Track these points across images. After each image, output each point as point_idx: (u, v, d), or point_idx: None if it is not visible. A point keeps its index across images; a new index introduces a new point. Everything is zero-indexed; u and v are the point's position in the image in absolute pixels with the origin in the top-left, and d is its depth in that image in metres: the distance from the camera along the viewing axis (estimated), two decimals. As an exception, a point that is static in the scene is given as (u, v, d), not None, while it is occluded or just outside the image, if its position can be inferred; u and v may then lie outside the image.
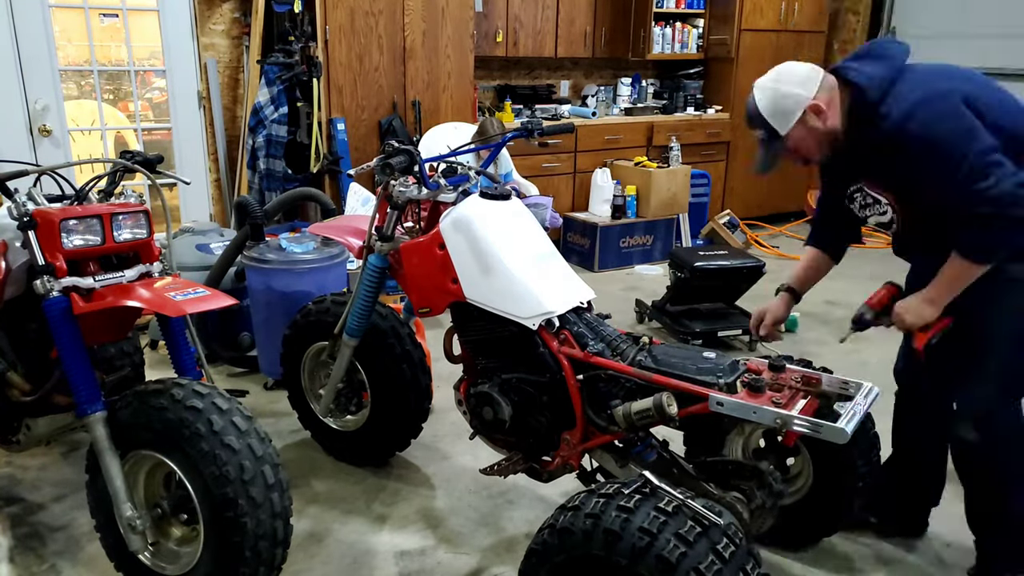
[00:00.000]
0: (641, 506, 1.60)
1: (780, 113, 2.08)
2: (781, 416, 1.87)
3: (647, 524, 1.56)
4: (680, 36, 6.58)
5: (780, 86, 2.09)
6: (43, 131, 4.43)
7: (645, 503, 1.61)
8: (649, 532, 1.55)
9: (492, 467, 2.48)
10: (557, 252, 2.47)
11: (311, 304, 2.95)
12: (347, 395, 2.98)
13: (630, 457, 2.25)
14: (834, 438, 1.81)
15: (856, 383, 2.03)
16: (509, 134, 2.82)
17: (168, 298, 2.00)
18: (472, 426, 2.53)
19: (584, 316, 2.34)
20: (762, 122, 2.12)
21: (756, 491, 2.03)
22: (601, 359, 2.19)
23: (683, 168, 6.11)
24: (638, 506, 1.60)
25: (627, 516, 1.59)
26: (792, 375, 2.06)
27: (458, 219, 2.34)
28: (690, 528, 1.56)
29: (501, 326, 2.31)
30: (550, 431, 2.32)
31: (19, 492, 2.84)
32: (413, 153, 2.39)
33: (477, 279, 2.30)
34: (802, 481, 2.39)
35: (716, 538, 1.55)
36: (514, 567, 2.45)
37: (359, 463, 3.03)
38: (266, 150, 4.83)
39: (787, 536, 2.47)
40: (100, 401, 2.06)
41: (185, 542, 2.17)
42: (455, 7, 5.17)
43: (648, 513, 1.59)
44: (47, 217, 2.01)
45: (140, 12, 4.88)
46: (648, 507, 1.60)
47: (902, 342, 2.43)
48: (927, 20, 6.68)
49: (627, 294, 5.15)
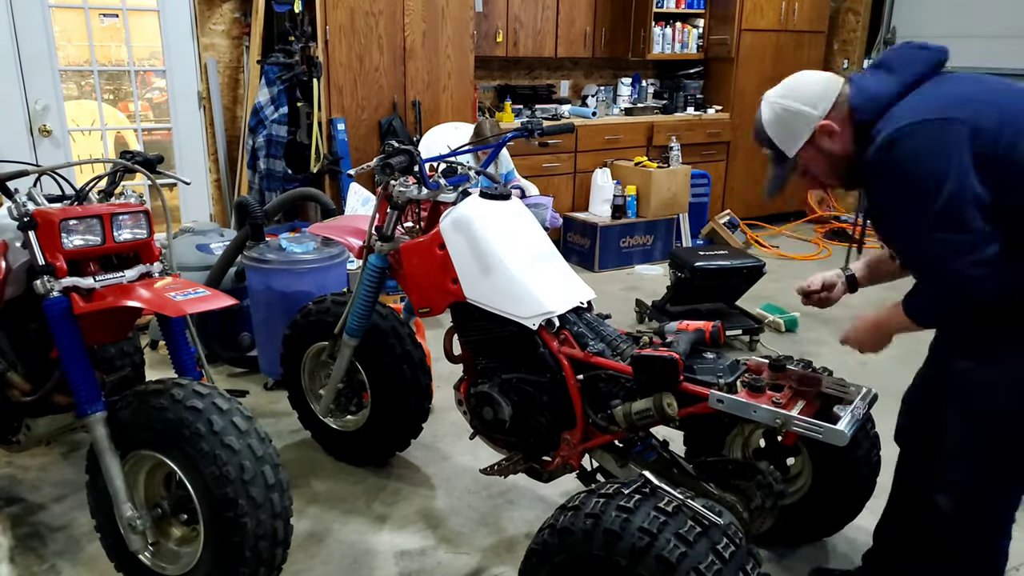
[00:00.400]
0: (641, 506, 1.61)
1: (787, 133, 1.85)
2: (781, 416, 1.86)
3: (647, 524, 1.57)
4: (680, 36, 6.58)
5: (788, 103, 1.85)
6: (43, 131, 4.43)
7: (645, 503, 1.61)
8: (649, 532, 1.56)
9: (492, 467, 2.49)
10: (557, 252, 2.47)
11: (311, 304, 2.95)
12: (347, 395, 2.98)
13: (630, 457, 2.25)
14: (833, 440, 1.80)
15: (855, 386, 2.02)
16: (509, 134, 2.81)
17: (168, 298, 2.00)
18: (472, 426, 2.53)
19: (584, 316, 2.34)
20: (768, 141, 1.90)
21: (756, 491, 2.03)
22: (601, 359, 2.19)
23: (683, 168, 6.11)
24: (638, 506, 1.61)
25: (627, 516, 1.59)
26: (792, 375, 2.06)
27: (458, 219, 2.34)
28: (690, 528, 1.56)
29: (501, 326, 2.31)
30: (550, 431, 2.32)
31: (19, 492, 2.84)
32: (413, 153, 2.39)
33: (477, 279, 2.30)
34: (802, 481, 2.39)
35: (716, 538, 1.56)
36: (514, 567, 2.45)
37: (359, 463, 3.03)
38: (266, 150, 4.83)
39: (787, 536, 2.47)
40: (100, 401, 2.07)
41: (185, 542, 2.17)
42: (455, 7, 5.18)
43: (648, 513, 1.59)
44: (47, 217, 2.01)
45: (140, 12, 4.88)
46: (648, 507, 1.60)
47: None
48: (927, 20, 6.68)
49: (627, 294, 5.15)
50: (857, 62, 7.26)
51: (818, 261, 6.18)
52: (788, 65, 6.80)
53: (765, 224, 7.10)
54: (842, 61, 7.40)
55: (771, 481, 2.02)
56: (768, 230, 7.01)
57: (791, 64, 6.82)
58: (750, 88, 6.69)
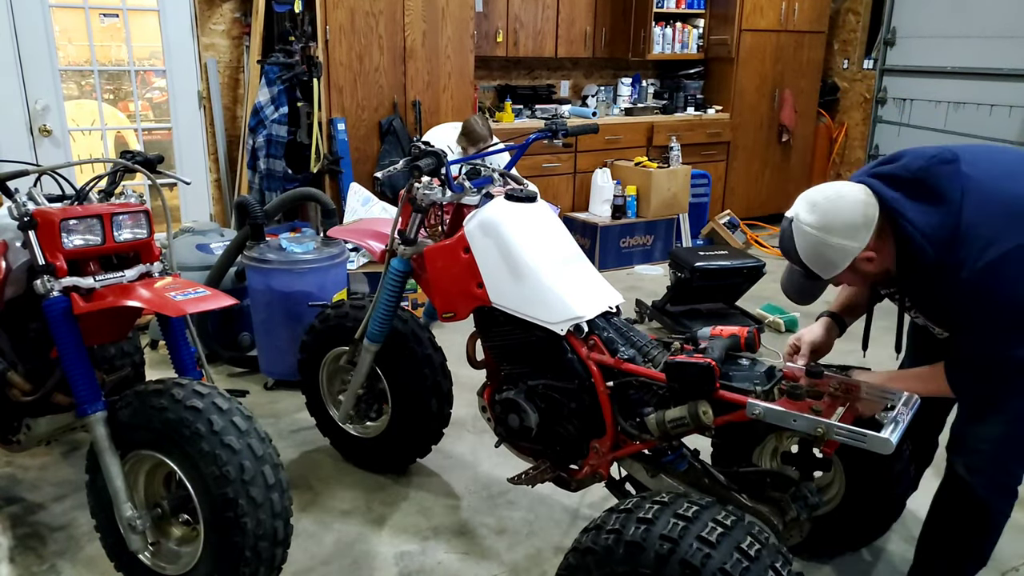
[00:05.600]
0: (661, 515, 1.57)
1: (824, 263, 1.87)
2: (823, 425, 1.76)
3: (668, 531, 1.53)
4: (680, 36, 6.58)
5: (828, 237, 1.82)
6: (43, 131, 4.43)
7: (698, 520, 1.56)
8: (670, 538, 1.52)
9: (519, 476, 2.43)
10: (584, 255, 2.40)
11: (329, 309, 2.90)
12: (367, 401, 2.93)
13: (661, 466, 2.18)
14: (878, 448, 1.70)
15: (897, 391, 1.92)
16: (533, 135, 2.74)
17: (168, 298, 1.99)
18: (497, 433, 2.46)
19: (613, 321, 2.26)
20: (801, 264, 1.91)
21: (791, 503, 1.96)
22: (632, 365, 2.11)
23: (683, 168, 6.11)
24: (658, 515, 1.57)
25: (647, 526, 1.56)
26: (830, 382, 1.97)
27: (484, 222, 2.27)
28: (711, 529, 1.52)
29: (527, 331, 2.25)
30: (579, 439, 2.24)
31: (19, 492, 2.84)
32: (441, 155, 2.33)
33: (504, 283, 2.24)
34: (835, 490, 2.31)
35: (740, 537, 1.52)
36: (514, 567, 2.45)
37: (380, 470, 2.98)
38: (266, 150, 4.83)
39: (820, 546, 2.39)
40: (100, 401, 2.06)
41: (185, 542, 2.17)
42: (455, 7, 5.18)
43: (668, 520, 1.55)
44: (47, 217, 2.01)
45: (140, 12, 4.88)
46: (668, 514, 1.57)
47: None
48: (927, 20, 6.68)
49: (627, 294, 5.15)
50: (857, 62, 7.27)
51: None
52: (788, 65, 6.81)
53: (765, 224, 7.10)
54: (842, 61, 7.40)
55: (806, 492, 1.96)
56: (768, 230, 7.01)
57: (791, 64, 6.83)
58: (750, 88, 6.69)
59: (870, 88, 7.19)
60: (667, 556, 1.51)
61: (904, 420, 1.80)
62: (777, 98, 6.86)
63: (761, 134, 6.90)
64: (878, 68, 7.08)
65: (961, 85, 6.42)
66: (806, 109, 7.11)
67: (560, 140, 2.76)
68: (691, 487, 2.12)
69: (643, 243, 5.99)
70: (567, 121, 3.37)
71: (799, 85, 6.96)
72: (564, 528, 2.65)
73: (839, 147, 7.54)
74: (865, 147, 7.31)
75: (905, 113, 6.96)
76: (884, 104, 7.12)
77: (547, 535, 2.61)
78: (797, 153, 7.18)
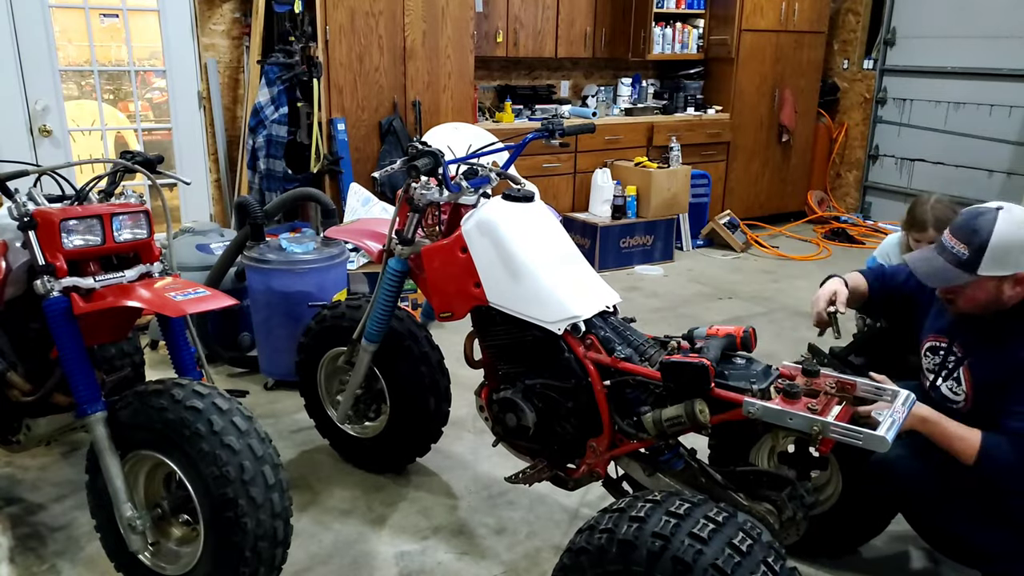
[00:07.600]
0: (653, 513, 1.57)
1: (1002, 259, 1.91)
2: (819, 423, 1.77)
3: (660, 528, 1.53)
4: (680, 36, 6.58)
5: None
6: (43, 131, 4.43)
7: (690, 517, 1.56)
8: (662, 535, 1.53)
9: (517, 475, 2.43)
10: (581, 255, 2.41)
11: (326, 310, 2.90)
12: (366, 401, 2.93)
13: (658, 465, 2.19)
14: (875, 447, 1.71)
15: (893, 389, 1.94)
16: (530, 134, 2.74)
17: (168, 298, 2.00)
18: (494, 432, 2.47)
19: (610, 320, 2.28)
20: (976, 248, 1.93)
21: (788, 503, 1.96)
22: (629, 364, 2.12)
23: (683, 168, 6.11)
24: (650, 514, 1.57)
25: (639, 525, 1.56)
26: (827, 380, 1.98)
27: (482, 222, 2.28)
28: (703, 526, 1.53)
29: (525, 331, 2.26)
30: (576, 438, 2.25)
31: (19, 492, 2.84)
32: (438, 155, 2.34)
33: (501, 283, 2.25)
34: (832, 490, 2.32)
35: (731, 533, 1.52)
36: (514, 567, 2.45)
37: (379, 470, 2.98)
38: (266, 150, 4.83)
39: (817, 546, 2.40)
40: (100, 401, 2.07)
41: (185, 542, 2.17)
42: (455, 7, 5.18)
43: (660, 518, 1.55)
44: (47, 217, 2.01)
45: (140, 12, 4.88)
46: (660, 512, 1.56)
47: None
48: (927, 20, 6.68)
49: (627, 295, 5.15)
50: (857, 62, 7.27)
51: (818, 261, 6.18)
52: (788, 65, 6.82)
53: (765, 224, 7.10)
54: (842, 61, 7.40)
55: (803, 492, 1.96)
56: (768, 230, 7.01)
57: (791, 64, 6.84)
58: (750, 88, 6.69)
59: (870, 88, 7.20)
60: (659, 553, 1.52)
61: (900, 419, 1.80)
62: (777, 98, 6.86)
63: (761, 134, 6.90)
64: (878, 68, 7.09)
65: (961, 85, 6.43)
66: (806, 109, 7.11)
67: (557, 140, 2.76)
68: (688, 486, 2.12)
69: (643, 243, 5.99)
70: (565, 121, 3.36)
71: (799, 85, 6.96)
72: (563, 528, 2.65)
73: (839, 147, 7.55)
74: (865, 147, 7.32)
75: (905, 113, 6.97)
76: (884, 104, 7.13)
77: (546, 535, 2.62)
78: (797, 153, 7.18)
